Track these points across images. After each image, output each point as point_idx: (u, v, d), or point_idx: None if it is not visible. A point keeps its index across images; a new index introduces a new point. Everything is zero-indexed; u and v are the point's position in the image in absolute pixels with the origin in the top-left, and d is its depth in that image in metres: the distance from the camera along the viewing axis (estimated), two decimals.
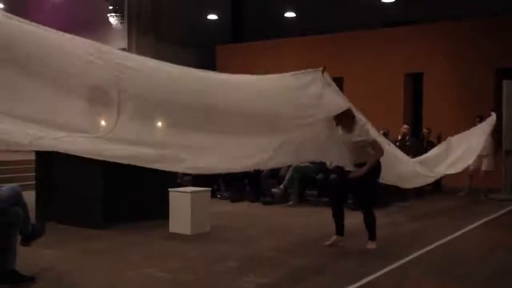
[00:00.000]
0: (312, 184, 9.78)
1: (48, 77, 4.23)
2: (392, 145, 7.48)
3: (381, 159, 6.23)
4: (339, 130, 6.10)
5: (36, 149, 5.75)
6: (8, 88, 4.03)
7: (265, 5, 17.07)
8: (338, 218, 6.30)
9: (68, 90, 4.40)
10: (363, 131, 6.12)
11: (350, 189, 6.51)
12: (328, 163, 7.91)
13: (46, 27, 4.16)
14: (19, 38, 3.97)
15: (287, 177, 9.53)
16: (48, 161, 7.44)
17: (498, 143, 10.66)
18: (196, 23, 16.34)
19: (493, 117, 9.98)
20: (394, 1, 14.35)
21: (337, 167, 7.28)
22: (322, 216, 6.40)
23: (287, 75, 5.60)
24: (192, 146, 5.03)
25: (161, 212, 7.12)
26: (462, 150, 9.17)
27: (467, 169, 9.71)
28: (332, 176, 9.12)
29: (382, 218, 8.14)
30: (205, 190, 7.27)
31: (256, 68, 15.53)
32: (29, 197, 5.88)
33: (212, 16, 17.00)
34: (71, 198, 7.34)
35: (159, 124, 4.93)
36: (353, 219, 6.53)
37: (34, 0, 16.87)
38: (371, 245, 6.13)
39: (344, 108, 5.98)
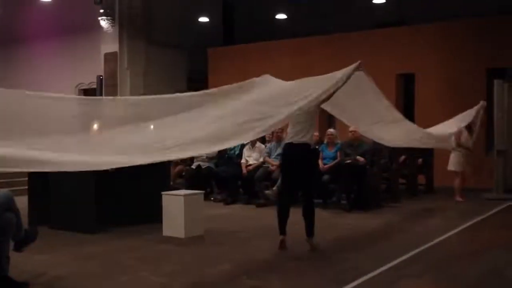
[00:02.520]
0: None
1: None
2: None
3: None
4: None
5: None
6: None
7: (256, 7, 17.08)
8: None
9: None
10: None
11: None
12: None
13: None
14: None
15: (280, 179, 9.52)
16: None
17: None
18: (188, 26, 16.32)
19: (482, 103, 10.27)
20: (385, 2, 14.40)
21: None
22: (315, 218, 6.39)
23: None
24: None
25: (154, 215, 7.09)
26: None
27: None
28: (325, 177, 9.15)
29: (374, 219, 8.19)
30: (198, 193, 7.25)
31: (248, 71, 15.62)
32: (22, 202, 5.86)
33: (204, 19, 16.98)
34: (63, 202, 7.30)
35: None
36: (351, 220, 6.55)
37: (26, 3, 16.78)
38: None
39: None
